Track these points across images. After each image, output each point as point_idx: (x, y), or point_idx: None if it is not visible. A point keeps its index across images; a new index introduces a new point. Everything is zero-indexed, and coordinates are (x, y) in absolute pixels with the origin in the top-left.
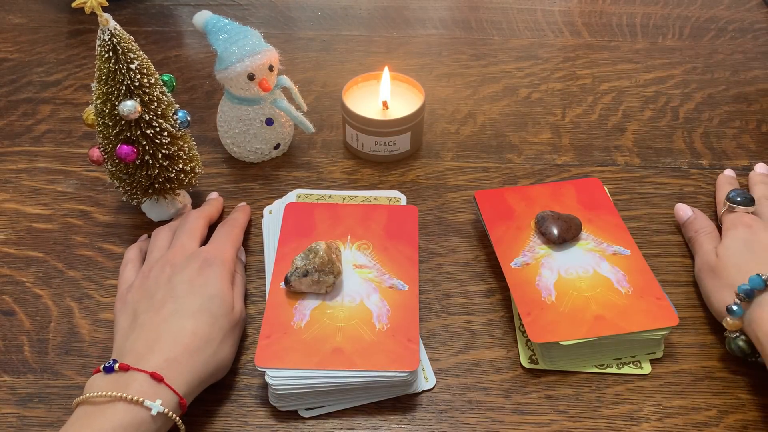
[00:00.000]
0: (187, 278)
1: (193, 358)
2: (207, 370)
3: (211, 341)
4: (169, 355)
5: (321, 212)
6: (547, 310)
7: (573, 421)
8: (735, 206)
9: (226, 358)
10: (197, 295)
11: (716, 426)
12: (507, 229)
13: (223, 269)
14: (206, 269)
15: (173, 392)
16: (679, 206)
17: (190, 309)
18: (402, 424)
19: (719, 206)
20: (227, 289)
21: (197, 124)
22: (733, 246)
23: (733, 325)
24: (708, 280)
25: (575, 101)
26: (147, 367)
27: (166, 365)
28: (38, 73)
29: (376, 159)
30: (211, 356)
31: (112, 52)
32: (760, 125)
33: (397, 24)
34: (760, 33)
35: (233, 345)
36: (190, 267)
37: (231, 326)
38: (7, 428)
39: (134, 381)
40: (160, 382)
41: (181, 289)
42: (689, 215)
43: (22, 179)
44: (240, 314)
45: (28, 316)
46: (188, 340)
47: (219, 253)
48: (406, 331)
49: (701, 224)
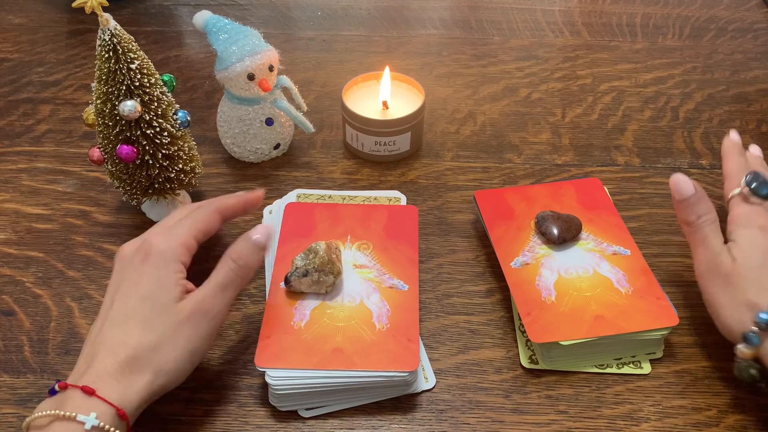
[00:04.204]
0: (128, 276)
1: (126, 369)
2: (146, 379)
3: (146, 348)
4: (102, 367)
5: (321, 212)
6: (547, 310)
7: (573, 421)
8: (755, 197)
9: (170, 364)
10: (131, 297)
11: (716, 426)
12: (507, 229)
13: (162, 261)
14: (144, 263)
15: (108, 404)
16: (679, 178)
17: (122, 314)
18: (402, 424)
19: (728, 182)
20: (165, 286)
21: (197, 124)
22: (754, 255)
23: (746, 354)
24: (718, 288)
25: (575, 101)
26: (84, 382)
27: (98, 377)
28: (38, 73)
29: (376, 159)
30: (147, 364)
31: (112, 52)
32: (760, 125)
33: (397, 24)
34: (760, 33)
35: (183, 348)
36: (134, 262)
37: (173, 327)
38: (7, 428)
39: (69, 398)
40: (92, 395)
41: (122, 291)
42: (690, 192)
43: (22, 179)
44: (191, 310)
45: (28, 316)
46: (119, 349)
47: (160, 241)
48: (406, 331)
49: (705, 208)
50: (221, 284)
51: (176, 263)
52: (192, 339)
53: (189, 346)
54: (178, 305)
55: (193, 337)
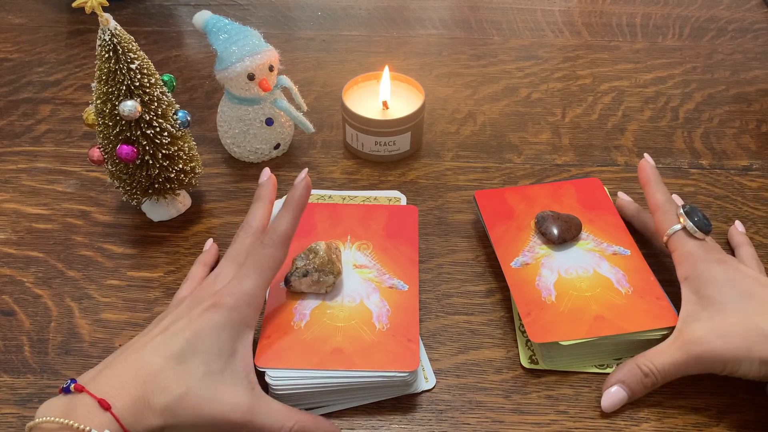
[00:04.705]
0: (187, 318)
1: (146, 402)
2: (158, 423)
3: (172, 397)
4: (125, 385)
5: (321, 212)
6: (547, 310)
7: (573, 421)
8: (699, 233)
9: (186, 429)
10: (183, 340)
11: (716, 426)
12: (507, 229)
13: (226, 319)
14: (207, 313)
15: (119, 424)
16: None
17: (169, 351)
18: (402, 424)
19: (660, 215)
20: (220, 345)
21: (197, 124)
22: (729, 293)
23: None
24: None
25: (575, 101)
26: (101, 393)
27: (119, 394)
28: (38, 73)
29: (376, 159)
30: (165, 411)
31: (112, 52)
32: (760, 125)
33: (397, 24)
34: (760, 33)
35: (201, 427)
36: (199, 306)
37: (209, 389)
38: (7, 428)
39: (82, 405)
40: (107, 410)
41: (177, 326)
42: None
43: (22, 179)
44: (244, 375)
45: (28, 316)
46: (149, 380)
47: (228, 295)
48: (406, 331)
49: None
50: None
51: (242, 322)
52: (231, 402)
53: (227, 406)
54: (225, 367)
55: (233, 400)
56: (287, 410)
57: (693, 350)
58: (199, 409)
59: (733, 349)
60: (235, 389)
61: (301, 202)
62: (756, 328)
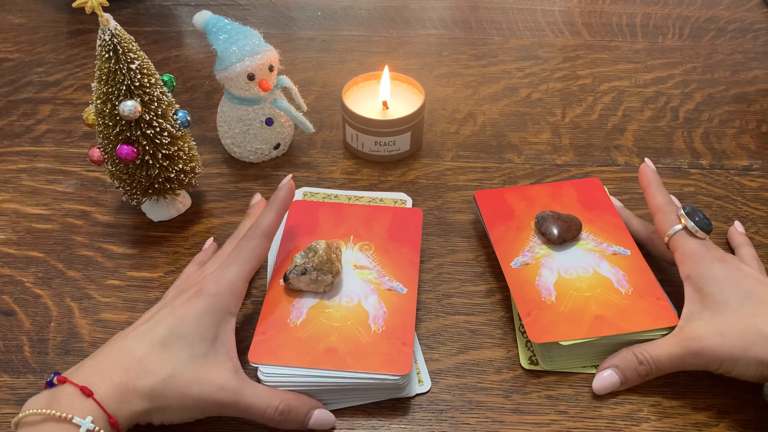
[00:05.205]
0: (170, 306)
1: (131, 387)
2: (144, 407)
3: (159, 380)
4: (108, 372)
5: (326, 211)
6: (547, 310)
7: (573, 421)
8: (701, 232)
9: (173, 413)
10: (166, 326)
11: (716, 426)
12: (507, 229)
13: (208, 305)
14: (190, 301)
15: (102, 410)
16: (601, 375)
17: (153, 337)
18: (402, 424)
19: (661, 216)
20: (202, 330)
21: (197, 124)
22: (732, 294)
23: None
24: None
25: (575, 101)
26: (83, 381)
27: (101, 380)
28: (38, 73)
29: (376, 159)
30: (151, 394)
31: (112, 52)
32: (760, 125)
33: (397, 24)
34: (760, 33)
35: (190, 407)
36: (182, 296)
37: (195, 371)
38: (7, 428)
39: (64, 395)
40: (89, 396)
41: (160, 315)
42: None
43: (22, 179)
44: (223, 362)
45: (28, 316)
46: (133, 365)
47: (211, 282)
48: (401, 334)
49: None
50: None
51: (224, 309)
52: (210, 387)
53: (197, 406)
54: (207, 350)
55: (212, 385)
56: (272, 390)
57: (691, 346)
58: (186, 389)
59: (731, 348)
60: (219, 371)
61: (285, 201)
62: (755, 328)
